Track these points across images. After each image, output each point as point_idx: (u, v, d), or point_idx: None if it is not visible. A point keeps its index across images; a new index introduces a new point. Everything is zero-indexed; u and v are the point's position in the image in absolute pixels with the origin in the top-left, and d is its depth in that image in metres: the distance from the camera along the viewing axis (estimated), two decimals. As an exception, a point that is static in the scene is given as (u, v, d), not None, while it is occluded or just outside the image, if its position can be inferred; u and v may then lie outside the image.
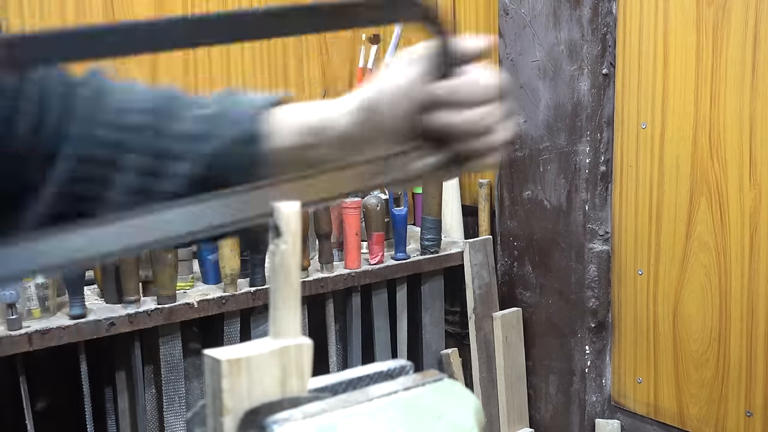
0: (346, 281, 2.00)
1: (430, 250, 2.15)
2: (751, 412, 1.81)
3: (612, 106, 2.00)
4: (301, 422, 0.47)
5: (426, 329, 2.23)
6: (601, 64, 1.98)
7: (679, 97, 1.86)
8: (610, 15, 1.97)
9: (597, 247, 2.05)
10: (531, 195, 2.15)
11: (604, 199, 2.04)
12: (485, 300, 2.22)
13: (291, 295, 0.50)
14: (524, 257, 2.19)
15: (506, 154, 0.67)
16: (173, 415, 1.80)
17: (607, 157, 2.02)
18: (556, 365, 2.16)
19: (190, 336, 1.84)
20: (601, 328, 2.08)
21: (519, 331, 2.21)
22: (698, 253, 1.86)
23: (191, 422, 1.81)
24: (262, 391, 0.48)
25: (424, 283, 2.21)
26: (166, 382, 1.79)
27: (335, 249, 2.02)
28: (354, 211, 1.99)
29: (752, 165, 1.74)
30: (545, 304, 2.16)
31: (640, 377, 2.03)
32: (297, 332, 0.50)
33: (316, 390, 0.51)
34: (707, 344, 1.88)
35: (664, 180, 1.91)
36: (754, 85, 1.72)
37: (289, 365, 0.50)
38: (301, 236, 0.50)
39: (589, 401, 2.11)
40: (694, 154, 1.84)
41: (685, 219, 1.88)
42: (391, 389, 0.51)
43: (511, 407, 2.21)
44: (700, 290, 1.87)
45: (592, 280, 2.05)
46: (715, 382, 1.87)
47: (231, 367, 0.47)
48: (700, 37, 1.80)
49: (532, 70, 2.09)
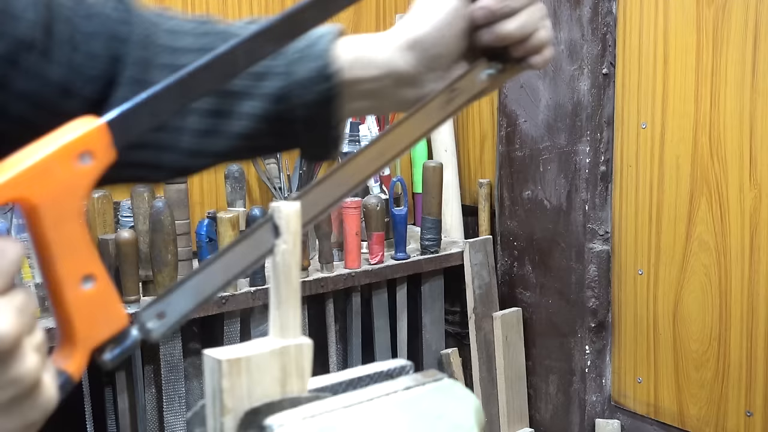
0: (346, 281, 1.99)
1: (430, 250, 2.15)
2: (751, 412, 1.81)
3: (612, 106, 2.00)
4: (301, 422, 0.47)
5: (426, 329, 2.23)
6: (601, 64, 1.98)
7: (679, 97, 1.86)
8: (610, 15, 1.97)
9: (597, 247, 2.05)
10: (531, 195, 2.15)
11: (604, 199, 2.04)
12: (485, 300, 2.22)
13: (291, 295, 0.50)
14: (524, 257, 2.19)
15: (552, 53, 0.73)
16: (173, 415, 1.80)
17: (607, 157, 2.02)
18: (556, 365, 2.16)
19: (190, 336, 1.84)
20: (601, 328, 2.08)
21: (519, 331, 2.21)
22: (698, 253, 1.86)
23: (191, 422, 1.80)
24: (262, 391, 0.48)
25: (424, 283, 2.20)
26: (166, 382, 1.79)
27: (335, 249, 2.02)
28: (354, 211, 1.99)
29: (752, 165, 1.74)
30: (545, 304, 2.16)
31: (640, 377, 2.03)
32: (297, 332, 0.50)
33: (316, 390, 0.51)
34: (707, 344, 1.88)
35: (664, 180, 1.91)
36: (754, 85, 1.72)
37: (289, 365, 0.50)
38: (301, 236, 0.50)
39: (589, 401, 2.11)
40: (694, 154, 1.84)
41: (685, 219, 1.88)
42: (391, 389, 0.51)
43: (511, 407, 2.21)
44: (700, 290, 1.87)
45: (592, 280, 2.05)
46: (715, 382, 1.87)
47: (231, 367, 0.47)
48: (700, 37, 1.80)
49: (532, 70, 2.08)
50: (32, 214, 0.46)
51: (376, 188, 2.20)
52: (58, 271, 0.47)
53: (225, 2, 2.08)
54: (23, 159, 0.46)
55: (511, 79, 0.73)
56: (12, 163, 0.46)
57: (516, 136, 2.16)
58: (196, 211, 2.03)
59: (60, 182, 0.46)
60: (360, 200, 2.01)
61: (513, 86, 2.15)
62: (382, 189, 2.21)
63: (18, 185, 0.45)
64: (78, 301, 0.48)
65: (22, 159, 0.46)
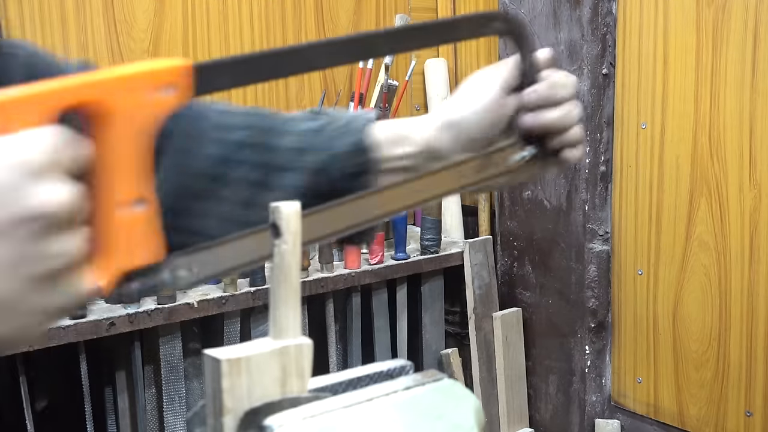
0: (346, 281, 1.99)
1: (430, 250, 2.15)
2: (751, 412, 1.81)
3: (612, 106, 2.01)
4: (300, 422, 0.47)
5: (426, 329, 2.23)
6: (601, 64, 1.98)
7: (679, 97, 1.86)
8: (610, 15, 1.97)
9: (597, 247, 2.05)
10: (531, 195, 2.15)
11: (604, 199, 2.04)
12: (485, 300, 2.22)
13: (291, 295, 0.50)
14: (524, 257, 2.20)
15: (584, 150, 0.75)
16: (173, 415, 1.80)
17: (606, 157, 2.02)
18: (556, 365, 2.16)
19: (190, 336, 1.84)
20: (601, 328, 2.09)
21: (519, 331, 2.21)
22: (698, 253, 1.86)
23: (191, 422, 1.81)
24: (262, 391, 0.49)
25: (424, 283, 2.20)
26: (166, 382, 1.79)
27: (335, 249, 2.02)
28: (354, 211, 1.98)
29: (752, 165, 1.74)
30: (545, 304, 2.16)
31: (640, 377, 2.03)
32: (297, 332, 0.50)
33: (316, 390, 0.51)
34: (707, 344, 1.88)
35: (664, 180, 1.91)
36: (754, 85, 1.72)
37: (289, 365, 0.50)
38: (301, 236, 0.50)
39: (589, 401, 2.11)
40: (694, 154, 1.84)
41: (685, 219, 1.88)
42: (391, 389, 0.51)
43: (511, 407, 2.21)
44: (700, 290, 1.87)
45: (592, 280, 2.06)
46: (715, 382, 1.87)
47: (231, 367, 0.47)
48: (700, 37, 1.80)
49: (532, 70, 2.09)
50: (106, 121, 0.48)
51: (376, 188, 2.20)
52: (116, 185, 0.48)
53: (225, 2, 2.08)
54: (113, 70, 0.48)
55: (542, 173, 0.76)
56: (101, 71, 0.48)
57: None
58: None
59: (140, 100, 0.48)
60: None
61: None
62: (382, 189, 2.21)
63: (103, 87, 0.47)
64: (126, 220, 0.49)
65: (113, 69, 0.48)
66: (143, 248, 0.50)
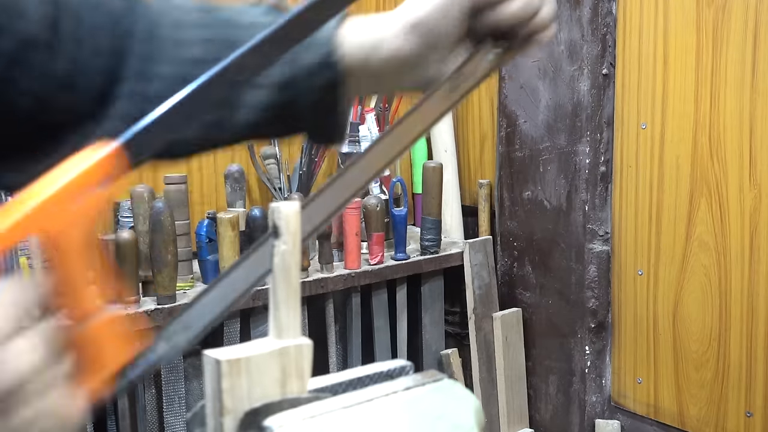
0: (346, 281, 1.99)
1: (430, 250, 2.15)
2: (751, 413, 1.81)
3: (612, 107, 2.00)
4: (300, 423, 0.47)
5: (426, 329, 2.23)
6: (601, 64, 1.98)
7: (679, 97, 1.86)
8: (610, 15, 1.97)
9: (597, 247, 2.05)
10: (531, 195, 2.15)
11: (604, 199, 2.04)
12: (485, 300, 2.22)
13: (291, 295, 0.50)
14: (524, 257, 2.19)
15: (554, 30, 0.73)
16: (173, 415, 1.80)
17: (607, 158, 2.02)
18: (556, 365, 2.16)
19: (190, 336, 1.83)
20: (601, 328, 2.08)
21: (519, 331, 2.21)
22: (698, 253, 1.86)
23: (191, 423, 1.80)
24: (262, 391, 0.48)
25: (424, 284, 2.20)
26: (166, 382, 1.79)
27: (335, 249, 2.02)
28: (354, 212, 1.99)
29: (752, 165, 1.74)
30: (545, 305, 2.16)
31: (640, 377, 2.03)
32: (297, 332, 0.50)
33: (316, 390, 0.51)
34: (707, 344, 1.88)
35: (664, 180, 1.91)
36: (754, 85, 1.72)
37: (289, 365, 0.50)
38: (300, 236, 0.50)
39: (589, 401, 2.11)
40: (694, 154, 1.84)
41: (685, 219, 1.88)
42: (391, 389, 0.51)
43: (511, 407, 2.21)
44: (700, 290, 1.87)
45: (592, 281, 2.05)
46: (715, 382, 1.87)
47: (231, 367, 0.47)
48: (700, 37, 1.80)
49: (532, 71, 2.09)
50: (54, 245, 0.45)
51: (376, 189, 2.20)
52: (84, 297, 0.47)
53: (225, 2, 2.07)
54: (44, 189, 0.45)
55: (517, 56, 0.74)
56: (32, 194, 0.45)
57: (516, 136, 2.16)
58: (195, 211, 2.03)
59: (77, 209, 0.46)
60: (360, 201, 2.01)
61: (513, 87, 2.15)
62: (382, 189, 2.21)
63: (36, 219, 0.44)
64: (103, 325, 0.48)
65: (43, 189, 0.45)
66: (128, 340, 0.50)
